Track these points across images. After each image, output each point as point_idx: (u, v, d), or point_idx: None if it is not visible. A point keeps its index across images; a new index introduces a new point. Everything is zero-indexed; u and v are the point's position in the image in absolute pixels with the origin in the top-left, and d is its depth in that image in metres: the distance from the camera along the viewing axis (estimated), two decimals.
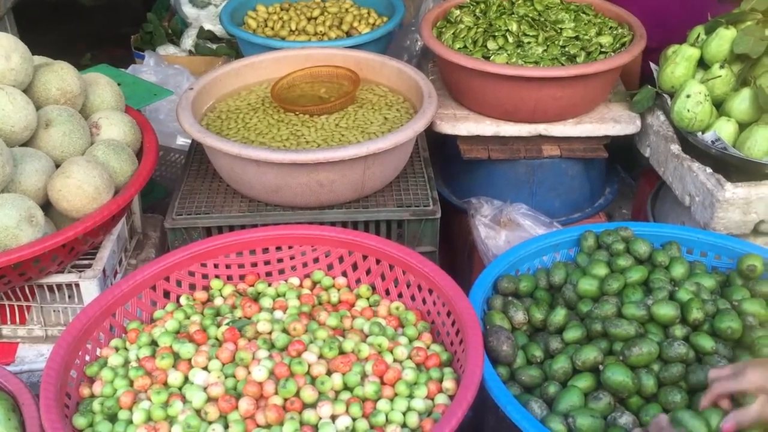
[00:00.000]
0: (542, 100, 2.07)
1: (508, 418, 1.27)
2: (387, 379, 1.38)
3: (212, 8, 3.42)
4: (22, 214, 1.54)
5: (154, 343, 1.49)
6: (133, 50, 3.47)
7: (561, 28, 2.22)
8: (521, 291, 1.62)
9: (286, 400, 1.32)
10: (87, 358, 1.46)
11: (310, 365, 1.38)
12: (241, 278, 1.69)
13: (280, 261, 1.70)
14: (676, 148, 2.00)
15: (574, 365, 1.40)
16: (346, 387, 1.37)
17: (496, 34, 2.19)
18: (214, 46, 3.34)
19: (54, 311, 1.74)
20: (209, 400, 1.33)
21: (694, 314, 1.44)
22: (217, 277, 1.67)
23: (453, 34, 2.23)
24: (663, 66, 2.11)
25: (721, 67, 1.99)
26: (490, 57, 2.13)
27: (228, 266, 1.68)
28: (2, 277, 1.57)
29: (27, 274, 1.61)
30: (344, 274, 1.68)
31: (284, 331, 1.49)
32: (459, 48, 2.18)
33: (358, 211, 1.86)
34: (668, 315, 1.44)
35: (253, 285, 1.67)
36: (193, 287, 1.65)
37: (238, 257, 1.69)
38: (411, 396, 1.36)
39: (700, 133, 1.96)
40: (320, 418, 1.30)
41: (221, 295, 1.64)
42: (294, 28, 2.67)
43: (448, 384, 1.38)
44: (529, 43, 2.17)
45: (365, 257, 1.66)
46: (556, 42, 2.17)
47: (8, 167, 1.58)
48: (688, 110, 1.94)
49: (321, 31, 2.66)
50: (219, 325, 1.51)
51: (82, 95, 1.84)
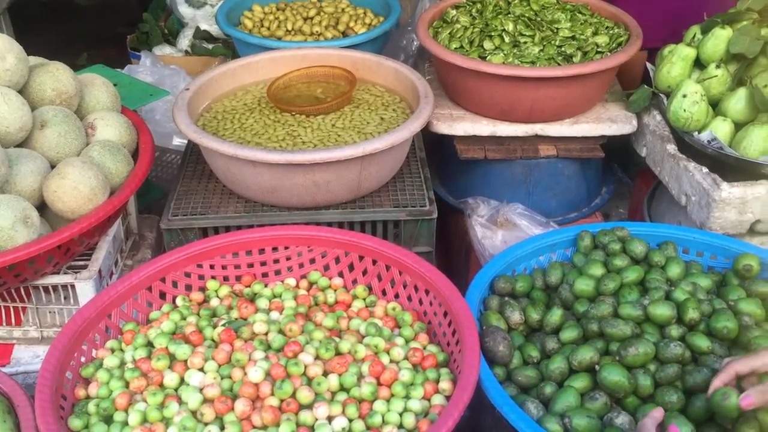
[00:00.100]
0: (539, 100, 2.06)
1: (504, 418, 1.27)
2: (383, 379, 1.37)
3: (208, 8, 3.40)
4: (17, 215, 1.54)
5: (149, 345, 1.49)
6: (129, 50, 3.46)
7: (557, 28, 2.22)
8: (518, 291, 1.62)
9: (282, 401, 1.32)
10: (83, 359, 1.46)
11: (306, 366, 1.38)
12: (238, 279, 1.68)
13: (276, 262, 1.70)
14: (672, 147, 2.00)
15: (571, 365, 1.40)
16: (343, 388, 1.37)
17: (493, 34, 2.19)
18: (211, 46, 3.33)
19: (50, 312, 1.73)
20: (205, 401, 1.33)
21: (690, 314, 1.44)
22: (213, 277, 1.67)
23: (449, 34, 2.23)
24: (659, 66, 2.11)
25: (717, 66, 1.99)
26: (486, 57, 2.13)
27: (224, 267, 1.68)
28: None
29: (22, 276, 1.61)
30: (341, 274, 1.68)
31: (280, 332, 1.48)
32: (455, 48, 2.18)
33: (355, 212, 1.86)
34: (664, 315, 1.44)
35: (249, 286, 1.67)
36: (189, 288, 1.65)
37: (234, 258, 1.68)
38: (407, 397, 1.36)
39: (696, 132, 1.96)
40: (316, 419, 1.30)
41: (217, 296, 1.64)
42: (290, 28, 2.66)
43: (445, 385, 1.38)
44: (525, 43, 2.17)
45: (362, 258, 1.65)
46: (553, 42, 2.17)
47: (3, 168, 1.58)
48: (685, 110, 1.94)
49: (317, 31, 2.65)
50: (215, 326, 1.51)
51: (78, 96, 1.83)
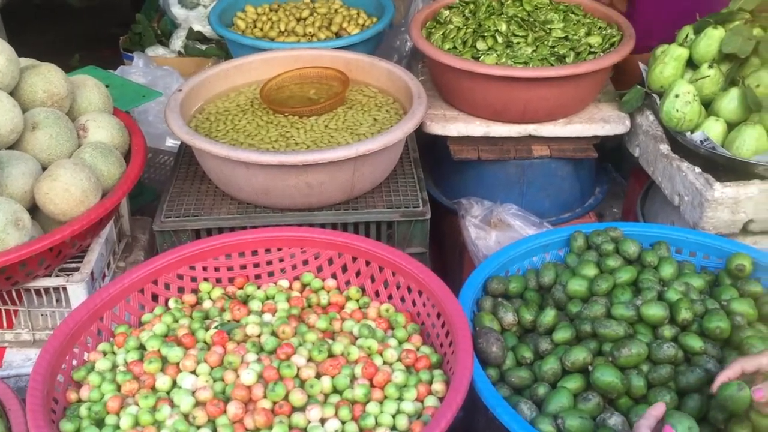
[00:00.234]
0: (532, 100, 2.07)
1: (497, 419, 1.27)
2: (376, 381, 1.37)
3: (201, 9, 3.40)
4: (8, 218, 1.53)
5: (142, 347, 1.48)
6: (121, 51, 3.45)
7: (550, 29, 2.22)
8: (511, 292, 1.62)
9: (274, 403, 1.31)
10: (74, 362, 1.45)
11: (299, 368, 1.37)
12: (230, 281, 1.68)
13: (269, 263, 1.69)
14: (665, 147, 2.01)
15: (564, 366, 1.40)
16: (336, 390, 1.37)
17: (486, 34, 2.19)
18: (204, 47, 3.33)
19: (41, 315, 1.73)
20: (197, 404, 1.32)
21: (683, 314, 1.44)
22: (205, 279, 1.66)
23: (442, 34, 2.23)
24: (652, 66, 2.11)
25: (710, 66, 1.99)
26: (479, 57, 2.13)
27: (217, 269, 1.67)
28: None
29: (14, 278, 1.60)
30: (334, 276, 1.67)
31: (273, 334, 1.48)
32: (448, 49, 2.18)
33: (348, 213, 1.86)
34: (657, 315, 1.44)
35: (242, 288, 1.66)
36: (181, 290, 1.64)
37: (227, 260, 1.68)
38: (400, 398, 1.36)
39: (689, 132, 1.96)
40: (309, 421, 1.29)
41: (210, 298, 1.63)
42: (283, 29, 2.66)
43: (438, 386, 1.37)
44: (518, 43, 2.17)
45: (355, 259, 1.65)
46: (546, 42, 2.17)
47: None
48: (677, 110, 1.95)
49: (310, 32, 2.65)
50: (207, 329, 1.50)
51: (69, 97, 1.83)
